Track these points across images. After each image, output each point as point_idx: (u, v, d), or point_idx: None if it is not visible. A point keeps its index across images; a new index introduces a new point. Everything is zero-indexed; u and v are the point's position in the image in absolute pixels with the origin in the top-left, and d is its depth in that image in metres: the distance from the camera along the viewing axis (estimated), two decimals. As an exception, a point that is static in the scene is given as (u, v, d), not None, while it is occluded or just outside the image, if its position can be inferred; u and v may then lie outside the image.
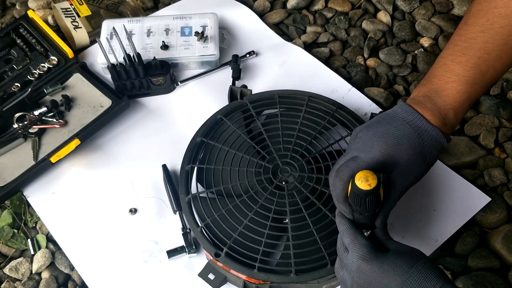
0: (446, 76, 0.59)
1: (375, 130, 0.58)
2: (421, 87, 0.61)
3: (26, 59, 0.95)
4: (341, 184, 0.56)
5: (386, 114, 0.60)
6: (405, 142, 0.57)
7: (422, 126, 0.57)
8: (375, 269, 0.54)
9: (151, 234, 0.79)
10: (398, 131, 0.57)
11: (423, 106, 0.58)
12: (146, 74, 0.91)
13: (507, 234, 0.76)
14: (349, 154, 0.58)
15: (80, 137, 0.85)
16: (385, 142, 0.56)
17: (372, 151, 0.56)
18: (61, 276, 0.78)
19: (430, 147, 0.58)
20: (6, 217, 0.83)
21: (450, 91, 0.59)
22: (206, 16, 0.99)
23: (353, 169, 0.56)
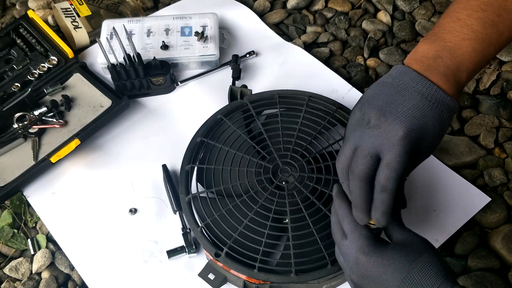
0: (462, 32, 0.53)
1: (395, 115, 0.50)
2: (429, 44, 0.54)
3: (26, 59, 0.95)
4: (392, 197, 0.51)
5: (392, 86, 0.52)
6: (429, 123, 0.50)
7: (440, 99, 0.51)
8: (373, 263, 0.51)
9: (151, 234, 0.79)
10: (420, 111, 0.50)
11: (436, 72, 0.52)
12: (146, 74, 0.91)
13: (507, 234, 0.76)
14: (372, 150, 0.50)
15: (80, 137, 0.85)
16: (410, 129, 0.50)
17: (400, 146, 0.49)
18: (61, 276, 0.78)
19: (447, 118, 0.52)
20: (6, 217, 0.83)
21: (466, 50, 0.52)
22: (206, 16, 0.99)
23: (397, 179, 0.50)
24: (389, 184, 0.50)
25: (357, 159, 0.51)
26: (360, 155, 0.51)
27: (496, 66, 0.95)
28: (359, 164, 0.51)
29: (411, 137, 0.50)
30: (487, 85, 0.93)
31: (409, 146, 0.50)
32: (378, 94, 0.53)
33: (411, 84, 0.51)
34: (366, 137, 0.51)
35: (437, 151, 0.85)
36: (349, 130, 0.54)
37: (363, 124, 0.52)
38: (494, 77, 0.94)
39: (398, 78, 0.52)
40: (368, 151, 0.51)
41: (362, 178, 0.51)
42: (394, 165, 0.50)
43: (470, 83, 0.93)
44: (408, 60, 0.53)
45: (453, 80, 0.52)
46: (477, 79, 0.94)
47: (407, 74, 0.52)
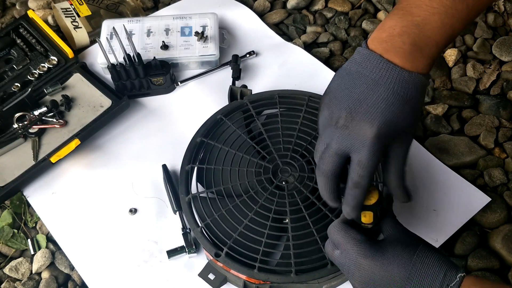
0: (431, 6, 0.51)
1: (361, 115, 0.49)
2: (396, 19, 0.52)
3: (26, 59, 0.95)
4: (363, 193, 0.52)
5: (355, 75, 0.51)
6: (399, 115, 0.50)
7: (405, 82, 0.49)
8: (377, 264, 0.51)
9: (151, 234, 0.79)
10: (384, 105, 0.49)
11: (401, 50, 0.50)
12: (146, 74, 0.91)
13: (507, 234, 0.76)
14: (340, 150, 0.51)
15: (80, 137, 0.85)
16: (378, 126, 0.49)
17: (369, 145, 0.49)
18: (61, 276, 0.78)
19: (418, 98, 0.51)
20: (6, 217, 0.83)
21: (435, 24, 0.51)
22: (206, 16, 0.99)
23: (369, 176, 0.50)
24: (362, 181, 0.51)
25: (324, 157, 0.52)
26: (327, 153, 0.52)
27: (496, 66, 0.95)
28: (325, 162, 0.52)
29: (381, 133, 0.50)
30: (487, 85, 0.93)
31: (380, 143, 0.50)
32: (344, 88, 0.52)
33: (375, 73, 0.50)
34: (335, 137, 0.51)
35: (437, 151, 0.85)
36: (321, 127, 0.54)
37: (331, 123, 0.52)
38: (494, 77, 0.94)
39: (362, 65, 0.51)
40: (335, 150, 0.51)
41: (328, 176, 0.52)
42: (366, 163, 0.50)
43: (470, 83, 0.93)
44: (373, 40, 0.52)
45: (420, 55, 0.50)
46: (477, 79, 0.94)
47: (371, 60, 0.50)
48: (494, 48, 0.98)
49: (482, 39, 0.99)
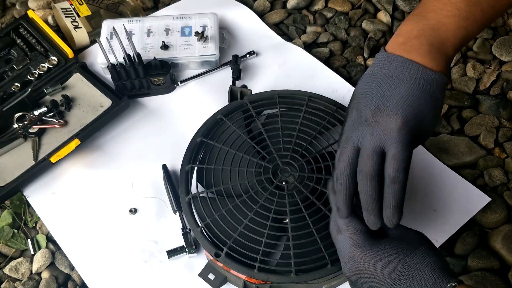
0: (446, 10, 0.53)
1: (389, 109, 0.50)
2: (412, 24, 0.54)
3: (26, 59, 0.95)
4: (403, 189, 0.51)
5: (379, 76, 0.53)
6: (423, 107, 0.51)
7: (429, 79, 0.51)
8: (368, 257, 0.51)
9: (151, 234, 0.79)
10: (412, 99, 0.51)
11: (420, 51, 0.52)
12: (146, 74, 0.91)
13: (507, 234, 0.76)
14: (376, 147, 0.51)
15: (80, 137, 0.85)
16: (406, 119, 0.50)
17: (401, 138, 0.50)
18: (61, 276, 0.78)
19: (440, 95, 0.53)
20: (6, 217, 0.83)
21: (450, 27, 0.53)
22: (206, 16, 0.99)
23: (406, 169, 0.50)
24: (399, 175, 0.50)
25: (364, 158, 0.52)
26: (365, 154, 0.51)
27: (496, 66, 0.95)
28: (367, 163, 0.51)
29: (410, 125, 0.51)
30: (487, 85, 0.93)
31: (410, 134, 0.50)
32: (370, 89, 0.53)
33: (398, 71, 0.52)
34: (367, 135, 0.52)
35: (437, 151, 0.85)
36: (348, 130, 0.54)
37: (361, 122, 0.52)
38: (494, 77, 0.94)
39: (385, 67, 0.53)
40: (372, 149, 0.51)
41: (373, 176, 0.51)
42: (400, 156, 0.50)
43: (470, 83, 0.93)
44: (391, 45, 0.54)
45: (439, 56, 0.52)
46: (477, 79, 0.94)
47: (392, 61, 0.52)
48: (494, 48, 0.98)
49: (482, 39, 0.99)
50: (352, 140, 0.53)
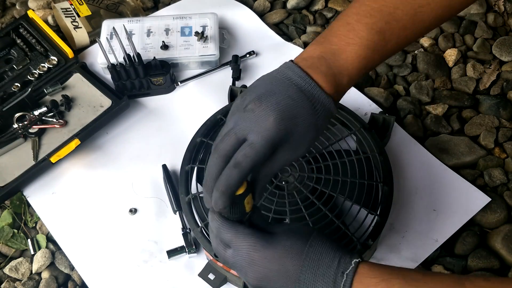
0: (348, 37, 0.54)
1: (269, 102, 0.51)
2: (317, 45, 0.55)
3: (26, 59, 0.95)
4: (240, 177, 0.49)
5: (277, 78, 0.53)
6: (301, 115, 0.51)
7: (316, 95, 0.52)
8: (270, 256, 0.49)
9: (151, 234, 0.79)
10: (294, 102, 0.51)
11: (317, 71, 0.53)
12: (146, 74, 0.91)
13: (507, 234, 0.76)
14: (240, 131, 0.50)
15: (80, 137, 0.85)
16: (281, 117, 0.50)
17: (267, 130, 0.50)
18: (61, 276, 0.78)
19: (322, 117, 0.53)
20: (6, 217, 0.83)
21: (349, 55, 0.53)
22: (206, 16, 0.99)
23: (254, 158, 0.49)
24: (244, 162, 0.49)
25: (225, 137, 0.51)
26: (228, 133, 0.51)
27: (496, 66, 0.95)
28: (224, 141, 0.51)
29: (281, 125, 0.50)
30: (487, 85, 0.93)
31: (277, 134, 0.50)
32: (261, 84, 0.54)
33: (292, 78, 0.52)
34: (240, 119, 0.51)
35: (437, 151, 0.85)
36: (229, 114, 0.54)
37: (240, 108, 0.52)
38: (494, 77, 0.94)
39: (282, 72, 0.53)
40: (235, 131, 0.51)
41: (222, 155, 0.50)
42: (256, 146, 0.49)
43: (470, 83, 0.93)
44: (296, 58, 0.54)
45: (333, 81, 0.53)
46: (477, 79, 0.94)
47: (291, 69, 0.53)
48: (494, 48, 0.98)
49: (482, 39, 0.99)
50: (228, 123, 0.53)
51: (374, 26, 0.53)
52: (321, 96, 0.52)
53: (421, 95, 0.92)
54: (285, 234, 0.51)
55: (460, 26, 1.02)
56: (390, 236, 0.76)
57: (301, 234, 0.51)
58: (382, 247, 0.76)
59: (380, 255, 0.75)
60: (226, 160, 0.50)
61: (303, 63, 0.53)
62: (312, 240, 0.50)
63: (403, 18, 0.54)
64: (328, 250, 0.49)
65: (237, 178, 0.49)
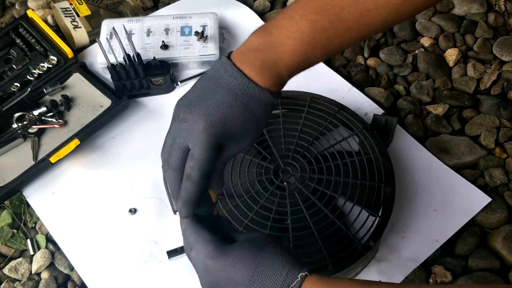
0: (289, 31, 0.53)
1: (199, 110, 0.52)
2: (257, 36, 0.55)
3: (26, 59, 0.95)
4: (194, 188, 0.52)
5: (208, 79, 0.54)
6: (232, 116, 0.52)
7: (249, 92, 0.52)
8: (221, 265, 0.50)
9: (151, 234, 0.79)
10: (223, 105, 0.52)
11: (251, 64, 0.53)
12: (146, 74, 0.91)
13: (507, 234, 0.76)
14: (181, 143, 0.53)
15: (79, 137, 0.84)
16: (211, 123, 0.51)
17: (202, 139, 0.51)
18: (60, 277, 0.78)
19: (260, 111, 0.54)
20: (5, 217, 0.83)
21: (288, 48, 0.53)
22: (206, 16, 0.99)
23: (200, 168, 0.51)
24: (193, 173, 0.52)
25: (171, 151, 0.54)
26: (173, 147, 0.54)
27: (497, 66, 0.95)
28: (172, 155, 0.54)
29: (214, 130, 0.51)
30: (487, 85, 0.93)
31: (213, 139, 0.52)
32: (193, 89, 0.55)
33: (224, 77, 0.53)
34: (177, 130, 0.54)
35: (437, 151, 0.85)
36: (171, 121, 0.56)
37: (176, 117, 0.54)
38: (495, 77, 0.94)
39: (217, 71, 0.54)
40: (178, 144, 0.53)
41: (175, 168, 0.54)
42: (197, 156, 0.51)
43: (471, 83, 0.93)
44: (234, 51, 0.55)
45: (269, 73, 0.53)
46: (477, 79, 0.94)
47: (225, 67, 0.53)
48: (494, 48, 0.98)
49: (482, 39, 0.99)
50: (170, 132, 0.55)
51: (317, 23, 0.53)
52: (255, 91, 0.52)
53: (421, 95, 0.92)
54: (240, 244, 0.52)
55: (460, 26, 1.02)
56: (390, 237, 0.76)
57: (256, 244, 0.51)
58: (382, 247, 0.76)
59: (380, 256, 0.75)
60: (181, 172, 0.53)
61: (238, 58, 0.54)
62: (264, 252, 0.50)
63: (348, 19, 0.53)
64: (278, 263, 0.49)
65: (192, 189, 0.52)
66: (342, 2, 0.53)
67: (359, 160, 0.76)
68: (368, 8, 0.53)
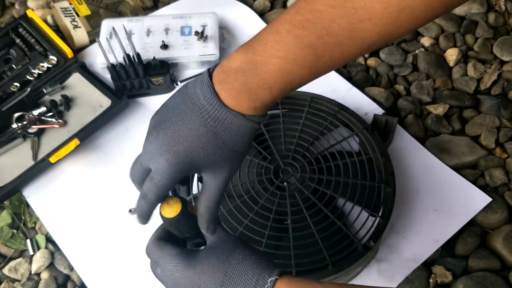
0: (275, 48, 0.48)
1: (165, 136, 0.49)
2: (240, 53, 0.50)
3: (25, 59, 0.94)
4: (148, 207, 0.53)
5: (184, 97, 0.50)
6: (199, 145, 0.49)
7: (220, 118, 0.48)
8: (190, 277, 0.50)
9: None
10: (190, 132, 0.49)
11: (230, 87, 0.48)
12: (145, 74, 0.91)
13: (508, 234, 0.76)
14: (144, 161, 0.51)
15: (79, 137, 0.84)
16: (175, 152, 0.49)
17: (164, 167, 0.49)
18: (60, 277, 0.78)
19: (234, 138, 0.50)
20: (5, 217, 0.83)
21: (272, 68, 0.48)
22: (206, 16, 0.99)
23: (156, 192, 0.51)
24: (149, 195, 0.51)
25: (133, 164, 0.54)
26: (135, 161, 0.54)
27: (497, 66, 0.95)
28: (132, 168, 0.54)
29: (176, 160, 0.49)
30: (488, 85, 0.93)
31: (173, 168, 0.49)
32: (168, 105, 0.52)
33: (198, 98, 0.49)
34: (144, 147, 0.52)
35: (437, 151, 0.85)
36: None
37: (147, 134, 0.52)
38: (495, 77, 0.94)
39: (195, 89, 0.50)
40: (141, 160, 0.52)
41: (134, 180, 0.54)
42: (155, 182, 0.50)
43: (471, 83, 0.93)
44: (218, 67, 0.50)
45: (247, 97, 0.49)
46: (478, 79, 0.94)
47: (202, 86, 0.49)
48: (495, 47, 0.98)
49: (483, 38, 0.99)
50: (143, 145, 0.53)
51: (304, 40, 0.47)
52: (229, 118, 0.49)
53: (421, 95, 0.92)
54: (207, 252, 0.51)
55: (461, 26, 1.02)
56: (391, 237, 0.76)
57: (224, 250, 0.51)
58: (382, 247, 0.75)
59: (381, 256, 0.75)
60: (140, 185, 0.54)
61: (218, 77, 0.49)
62: (232, 258, 0.49)
63: (338, 33, 0.47)
64: (248, 268, 0.49)
65: (146, 208, 0.53)
66: (332, 14, 0.47)
67: (359, 160, 0.75)
68: (360, 19, 0.47)
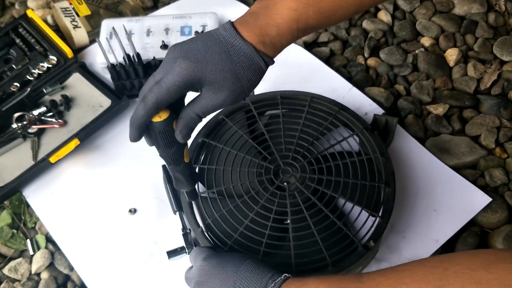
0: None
1: (181, 48, 0.55)
2: (258, 1, 0.59)
3: (25, 59, 0.94)
4: (144, 110, 0.55)
5: (206, 33, 0.57)
6: (209, 58, 0.54)
7: (232, 42, 0.55)
8: (214, 263, 0.61)
9: (151, 234, 0.79)
10: (203, 46, 0.55)
11: (244, 23, 0.56)
12: (145, 74, 0.91)
13: (508, 234, 0.76)
14: (156, 75, 0.56)
15: (79, 137, 0.84)
16: (188, 60, 0.54)
17: (173, 72, 0.54)
18: (60, 277, 0.78)
19: (242, 65, 0.55)
20: (5, 217, 0.83)
21: (280, 7, 0.56)
22: (206, 16, 0.99)
23: (157, 94, 0.54)
24: (148, 96, 0.54)
25: (147, 82, 0.57)
26: (149, 79, 0.57)
27: (497, 66, 0.95)
28: (145, 84, 0.57)
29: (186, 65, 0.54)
30: (488, 85, 0.93)
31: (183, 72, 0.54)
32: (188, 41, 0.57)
33: (217, 30, 0.56)
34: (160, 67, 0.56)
35: (438, 151, 0.85)
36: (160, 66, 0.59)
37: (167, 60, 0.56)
38: (495, 77, 0.94)
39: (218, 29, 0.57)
40: (154, 74, 0.56)
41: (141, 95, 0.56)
42: (161, 84, 0.54)
43: (471, 83, 0.93)
44: (240, 16, 0.58)
45: (258, 31, 0.55)
46: (478, 79, 0.94)
47: (224, 25, 0.56)
48: (495, 48, 0.98)
49: (483, 38, 0.99)
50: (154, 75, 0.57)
51: None
52: (239, 43, 0.55)
53: (421, 95, 0.92)
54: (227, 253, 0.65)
55: (461, 26, 1.02)
56: (391, 237, 0.76)
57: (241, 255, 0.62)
58: (382, 247, 0.75)
59: (381, 256, 0.75)
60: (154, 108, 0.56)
61: (238, 20, 0.57)
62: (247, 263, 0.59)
63: None
64: (262, 268, 0.58)
65: (142, 110, 0.55)
66: None
67: (360, 160, 0.75)
68: None
